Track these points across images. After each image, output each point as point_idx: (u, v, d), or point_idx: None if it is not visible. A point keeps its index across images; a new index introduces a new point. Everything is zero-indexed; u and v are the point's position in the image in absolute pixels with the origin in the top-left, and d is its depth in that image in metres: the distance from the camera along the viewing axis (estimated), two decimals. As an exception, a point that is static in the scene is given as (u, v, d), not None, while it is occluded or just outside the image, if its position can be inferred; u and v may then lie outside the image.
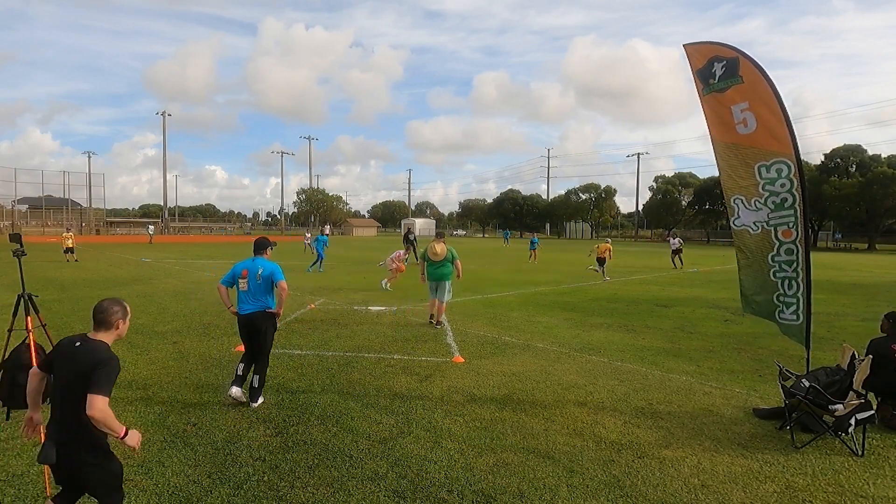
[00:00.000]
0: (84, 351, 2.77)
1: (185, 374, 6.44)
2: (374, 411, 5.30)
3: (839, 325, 10.35)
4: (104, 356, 2.72)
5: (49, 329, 4.32)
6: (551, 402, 5.68)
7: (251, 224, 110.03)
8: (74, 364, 2.73)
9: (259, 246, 5.70)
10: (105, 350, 2.78)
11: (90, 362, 2.69)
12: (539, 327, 9.71)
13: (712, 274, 21.31)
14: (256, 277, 5.46)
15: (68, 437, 2.72)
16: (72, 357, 2.76)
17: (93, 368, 2.65)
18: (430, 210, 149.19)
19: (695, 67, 5.78)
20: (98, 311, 2.88)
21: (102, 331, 2.88)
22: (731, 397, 5.91)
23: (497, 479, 3.98)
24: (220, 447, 4.42)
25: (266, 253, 5.67)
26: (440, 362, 7.19)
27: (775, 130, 5.20)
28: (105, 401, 2.61)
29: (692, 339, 8.92)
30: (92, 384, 2.61)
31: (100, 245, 40.59)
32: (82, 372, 2.67)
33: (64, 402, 2.74)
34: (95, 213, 66.44)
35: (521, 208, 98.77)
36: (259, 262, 5.55)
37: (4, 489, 3.72)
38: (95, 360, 2.69)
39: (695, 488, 3.89)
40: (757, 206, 5.51)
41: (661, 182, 79.51)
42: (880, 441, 4.81)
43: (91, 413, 2.57)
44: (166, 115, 70.97)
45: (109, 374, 2.67)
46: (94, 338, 2.85)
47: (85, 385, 2.63)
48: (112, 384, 2.68)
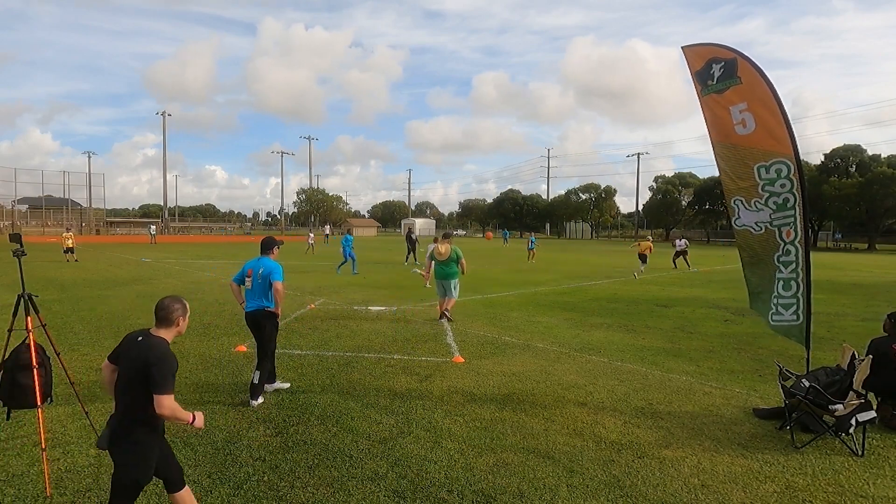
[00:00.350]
0: (144, 346, 2.89)
1: (185, 374, 6.43)
2: (374, 411, 5.30)
3: (839, 325, 10.35)
4: (159, 353, 2.84)
5: (49, 329, 4.31)
6: (551, 402, 5.68)
7: (251, 224, 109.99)
8: (134, 359, 2.87)
9: (265, 245, 5.83)
10: (161, 346, 2.89)
11: (146, 359, 2.81)
12: (539, 327, 9.71)
13: (712, 274, 21.31)
14: (258, 277, 5.58)
15: (118, 425, 2.86)
16: (133, 351, 2.91)
17: (148, 367, 2.78)
18: (430, 210, 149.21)
19: (693, 69, 5.78)
20: (160, 308, 3.01)
21: (164, 327, 3.01)
22: (731, 397, 5.91)
23: (497, 479, 3.98)
24: (220, 447, 4.42)
25: (272, 253, 5.78)
26: (440, 362, 7.19)
27: (774, 131, 5.20)
28: (169, 398, 2.76)
29: (692, 339, 8.92)
30: (152, 385, 2.75)
31: (100, 245, 40.59)
32: (138, 367, 2.81)
33: (123, 394, 2.89)
34: (95, 213, 66.44)
35: (521, 208, 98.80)
36: (262, 262, 5.66)
37: (4, 489, 3.72)
38: (150, 358, 2.80)
39: (695, 488, 3.89)
40: (757, 207, 5.50)
41: (661, 182, 79.50)
42: (880, 441, 4.81)
43: (160, 412, 2.75)
44: (166, 115, 71.05)
45: (165, 373, 2.79)
46: (155, 334, 2.97)
47: (140, 379, 2.78)
48: (171, 380, 2.80)
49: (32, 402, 3.82)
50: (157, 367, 2.77)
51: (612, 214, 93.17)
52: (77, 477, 3.90)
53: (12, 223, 57.61)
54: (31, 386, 3.81)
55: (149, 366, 2.78)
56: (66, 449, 4.33)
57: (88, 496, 3.65)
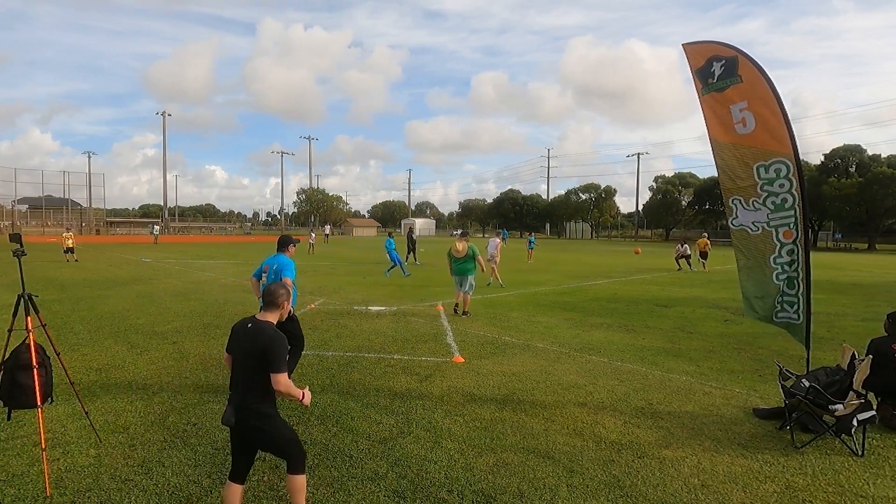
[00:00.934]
0: (255, 331, 3.16)
1: (185, 374, 6.44)
2: (374, 411, 5.30)
3: (839, 325, 10.35)
4: (271, 336, 3.11)
5: (49, 329, 4.31)
6: (551, 402, 5.68)
7: (251, 224, 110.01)
8: (246, 343, 3.14)
9: (281, 243, 6.07)
10: (271, 329, 3.16)
11: (259, 342, 3.09)
12: (539, 327, 9.71)
13: (712, 274, 21.30)
14: (272, 272, 5.81)
15: (243, 405, 3.11)
16: (244, 337, 3.18)
17: (263, 350, 3.06)
18: (430, 210, 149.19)
19: (694, 67, 5.75)
20: (267, 293, 3.30)
21: (270, 311, 3.28)
22: (731, 397, 5.91)
23: (497, 479, 3.98)
24: (220, 447, 4.41)
25: (287, 250, 6.00)
26: (440, 362, 7.19)
27: (774, 130, 5.17)
28: (284, 376, 3.07)
29: (692, 339, 8.92)
30: (270, 365, 3.05)
31: (100, 245, 40.59)
32: (252, 350, 3.09)
33: (243, 376, 3.15)
34: (95, 213, 66.47)
35: (521, 208, 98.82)
36: (278, 258, 5.90)
37: (4, 489, 3.72)
38: (264, 342, 3.08)
39: (695, 488, 3.89)
40: (755, 207, 5.48)
41: (661, 182, 79.55)
42: (880, 441, 4.80)
43: (277, 388, 3.07)
44: (166, 115, 71.06)
45: (280, 353, 3.07)
46: (262, 319, 3.23)
47: (256, 361, 3.07)
48: (284, 359, 3.09)
49: (32, 402, 3.82)
50: (272, 349, 3.05)
51: (612, 214, 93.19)
52: (77, 477, 3.90)
53: (12, 223, 57.60)
54: (31, 386, 3.80)
55: (264, 349, 3.06)
56: (66, 449, 4.33)
57: (88, 496, 3.65)
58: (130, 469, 4.01)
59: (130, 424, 4.87)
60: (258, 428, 3.13)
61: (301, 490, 3.23)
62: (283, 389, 3.07)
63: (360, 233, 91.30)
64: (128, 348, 7.57)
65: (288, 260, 5.88)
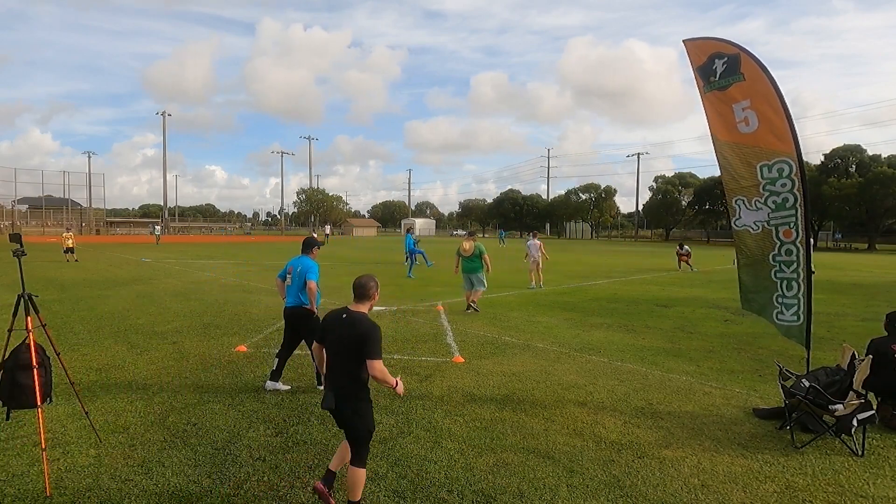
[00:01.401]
0: (350, 322, 3.35)
1: (185, 374, 6.44)
2: (374, 411, 5.28)
3: (839, 325, 10.35)
4: (367, 326, 3.29)
5: (49, 329, 4.31)
6: (551, 402, 5.68)
7: (251, 224, 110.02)
8: (342, 332, 3.33)
9: (305, 245, 6.19)
10: (366, 320, 3.34)
11: (356, 331, 3.28)
12: (539, 327, 9.71)
13: (712, 274, 21.30)
14: (296, 274, 5.93)
15: (341, 391, 3.32)
16: (339, 327, 3.37)
17: (360, 339, 3.24)
18: (430, 210, 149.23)
19: (695, 64, 5.69)
20: (358, 285, 3.49)
21: (362, 302, 3.46)
22: (731, 397, 5.91)
23: (497, 479, 3.98)
24: (220, 447, 4.42)
25: (311, 252, 6.10)
26: (440, 362, 7.18)
27: (778, 129, 5.12)
28: (380, 363, 3.25)
29: (692, 339, 8.92)
30: (367, 353, 3.22)
31: (100, 245, 40.59)
32: (349, 339, 3.28)
33: (341, 364, 3.34)
34: (95, 213, 66.46)
35: (521, 208, 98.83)
36: (302, 260, 6.01)
37: (4, 489, 3.71)
38: (361, 331, 3.26)
39: (695, 488, 3.89)
40: (757, 206, 5.46)
41: (661, 182, 79.50)
42: (880, 441, 4.80)
43: (373, 374, 3.24)
44: (166, 115, 71.06)
45: (376, 342, 3.25)
46: (355, 310, 3.42)
47: (352, 349, 3.25)
48: (380, 347, 3.27)
49: (32, 402, 3.82)
50: (370, 339, 3.23)
51: (612, 214, 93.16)
52: (77, 477, 3.89)
53: (12, 223, 57.60)
54: (31, 386, 3.80)
55: (361, 337, 3.23)
56: (66, 449, 4.33)
57: (88, 496, 3.64)
58: (130, 469, 4.01)
59: (130, 424, 4.87)
60: (354, 410, 3.34)
61: (361, 483, 3.39)
62: (378, 375, 3.23)
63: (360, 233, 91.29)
64: (128, 348, 7.57)
65: (312, 262, 5.98)
